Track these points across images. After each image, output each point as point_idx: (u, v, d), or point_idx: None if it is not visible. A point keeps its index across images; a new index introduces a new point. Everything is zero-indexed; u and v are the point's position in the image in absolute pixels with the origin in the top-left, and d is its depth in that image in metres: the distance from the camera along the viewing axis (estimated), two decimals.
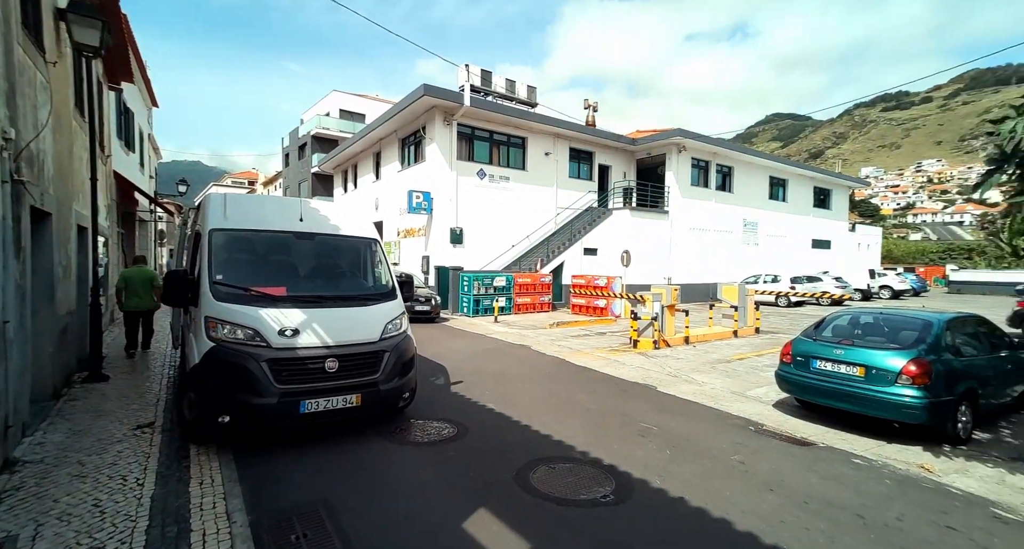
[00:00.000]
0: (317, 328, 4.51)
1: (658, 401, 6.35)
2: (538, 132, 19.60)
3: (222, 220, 4.99)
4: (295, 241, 5.31)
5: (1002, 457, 4.49)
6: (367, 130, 21.27)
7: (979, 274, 30.00)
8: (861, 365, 4.85)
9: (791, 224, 27.20)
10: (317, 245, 5.50)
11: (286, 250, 5.36)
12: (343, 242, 5.67)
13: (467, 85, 16.66)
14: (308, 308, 4.63)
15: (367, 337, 4.72)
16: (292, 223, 5.29)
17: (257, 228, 5.13)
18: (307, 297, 4.79)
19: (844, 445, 4.75)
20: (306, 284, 5.18)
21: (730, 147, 23.04)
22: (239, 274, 4.84)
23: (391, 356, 4.78)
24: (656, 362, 8.92)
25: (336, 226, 5.62)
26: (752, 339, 11.60)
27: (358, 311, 4.88)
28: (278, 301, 4.59)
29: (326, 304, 4.77)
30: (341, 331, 4.61)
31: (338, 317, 4.71)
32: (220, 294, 4.47)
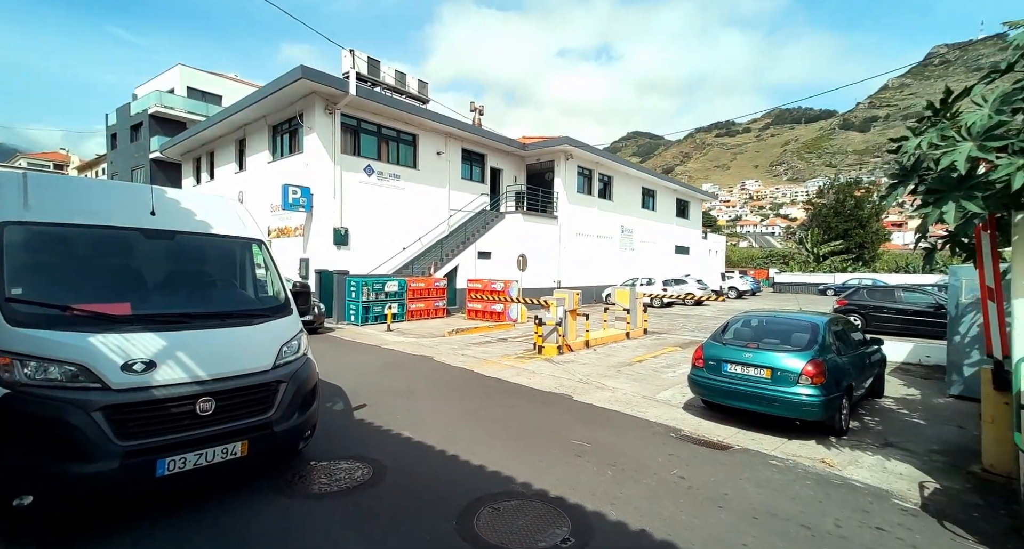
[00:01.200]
0: (184, 357, 3.40)
1: (579, 412, 6.20)
2: (430, 130, 18.81)
3: (20, 210, 3.55)
4: (144, 242, 4.02)
5: (874, 444, 5.14)
6: (228, 113, 18.37)
7: (794, 276, 36.69)
8: (767, 367, 5.20)
9: (659, 231, 30.19)
10: (178, 247, 4.25)
11: (130, 254, 4.03)
12: (215, 243, 4.48)
13: (353, 72, 15.24)
14: (169, 331, 3.48)
15: (256, 365, 3.72)
16: (139, 217, 3.99)
17: (82, 222, 3.74)
18: (166, 316, 3.61)
19: (755, 445, 5.03)
20: (163, 299, 3.95)
21: (610, 158, 24.71)
22: (53, 287, 3.51)
23: (289, 387, 3.83)
24: (564, 369, 8.89)
25: (204, 223, 4.40)
26: (643, 340, 12.33)
27: (242, 332, 3.83)
28: (120, 323, 3.38)
29: (195, 324, 3.64)
30: (219, 359, 3.55)
31: (214, 341, 3.63)
32: (19, 316, 3.13)
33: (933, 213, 3.17)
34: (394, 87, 17.82)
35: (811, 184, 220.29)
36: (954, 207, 3.06)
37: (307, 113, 15.69)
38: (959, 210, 3.04)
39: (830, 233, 39.29)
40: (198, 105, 29.03)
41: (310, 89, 14.96)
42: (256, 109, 17.01)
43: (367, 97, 15.84)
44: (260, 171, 18.33)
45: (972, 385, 6.49)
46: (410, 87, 18.35)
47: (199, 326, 3.64)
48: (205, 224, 4.41)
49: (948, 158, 3.06)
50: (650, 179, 28.92)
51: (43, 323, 3.16)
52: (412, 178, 18.41)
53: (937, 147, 3.22)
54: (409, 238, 18.26)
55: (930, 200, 3.24)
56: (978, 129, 3.01)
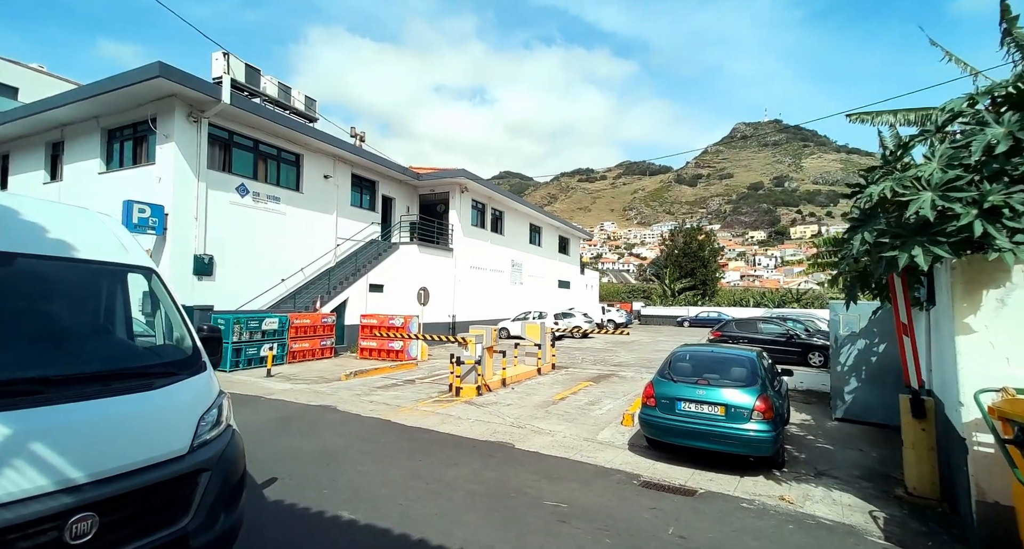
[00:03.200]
0: (43, 452, 2.16)
1: (531, 464, 5.66)
2: (316, 151, 17.19)
3: None
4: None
5: (809, 474, 5.47)
6: (37, 108, 14.55)
7: (656, 310, 41.12)
8: (721, 404, 5.31)
9: (545, 266, 31.48)
10: (20, 277, 2.85)
11: None
12: (84, 273, 3.14)
13: (227, 78, 13.28)
14: (13, 408, 2.20)
15: (164, 450, 2.55)
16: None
17: None
18: (5, 384, 2.29)
19: (716, 487, 4.98)
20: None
21: (503, 193, 25.28)
22: None
23: (213, 478, 2.70)
24: (490, 412, 8.28)
25: (63, 243, 3.05)
26: (555, 376, 12.27)
27: (137, 402, 2.61)
28: None
29: (58, 395, 2.36)
30: (103, 449, 2.35)
31: (92, 420, 2.40)
32: None
33: (902, 256, 3.49)
34: (276, 100, 15.97)
35: (655, 228, 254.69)
36: (922, 251, 3.40)
37: (162, 118, 13.12)
38: (927, 254, 3.39)
39: (681, 271, 45.26)
40: None
41: (169, 91, 12.59)
42: (85, 106, 13.74)
43: (244, 107, 13.88)
44: (86, 183, 14.69)
45: (852, 409, 7.52)
46: (296, 102, 16.64)
47: (65, 397, 2.38)
48: (65, 245, 3.06)
49: (915, 206, 3.43)
50: (537, 216, 30.25)
51: None
52: (295, 202, 16.46)
53: (897, 194, 3.61)
54: (290, 268, 16.09)
55: (896, 244, 3.58)
56: (936, 181, 3.44)
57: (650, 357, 16.61)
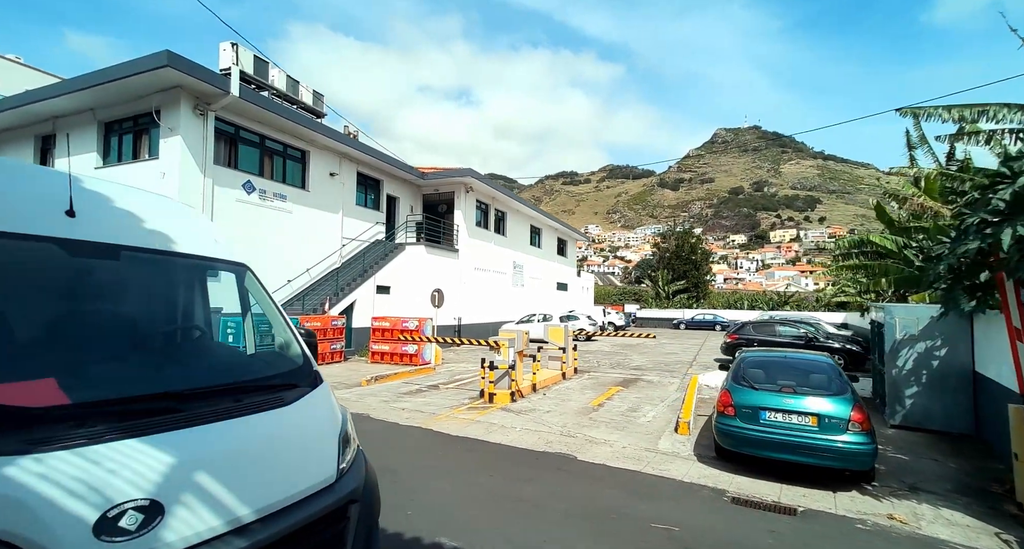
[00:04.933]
0: (207, 483, 1.76)
1: (607, 478, 5.32)
2: (322, 147, 16.60)
3: None
4: (66, 262, 2.20)
5: (902, 488, 5.17)
6: (26, 99, 13.67)
7: (652, 312, 41.22)
8: (813, 415, 5.04)
9: (544, 268, 31.21)
10: (124, 274, 2.46)
11: (39, 284, 2.18)
12: (186, 270, 2.76)
13: (236, 69, 12.66)
14: (159, 430, 1.80)
15: (318, 480, 2.16)
16: (47, 218, 2.14)
17: None
18: (139, 400, 1.89)
19: (815, 504, 4.67)
20: (116, 367, 2.16)
21: (507, 193, 24.92)
22: None
23: (364, 510, 2.31)
24: (532, 419, 7.92)
25: (162, 235, 2.64)
26: (580, 380, 11.95)
27: (275, 420, 2.19)
28: (53, 423, 1.66)
29: (196, 413, 1.95)
30: (263, 480, 1.96)
31: (242, 443, 2.00)
32: None
33: None
34: (284, 94, 15.34)
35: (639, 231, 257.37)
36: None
37: (167, 111, 12.43)
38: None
39: (674, 274, 45.50)
40: None
41: (175, 81, 11.92)
42: (80, 98, 12.93)
43: (253, 101, 13.26)
44: None
45: (912, 416, 7.34)
46: (303, 97, 16.02)
47: (203, 416, 1.96)
48: (164, 237, 2.64)
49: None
50: (537, 217, 29.98)
51: None
52: (301, 200, 15.84)
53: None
54: (296, 269, 15.46)
55: None
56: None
57: (663, 360, 16.44)
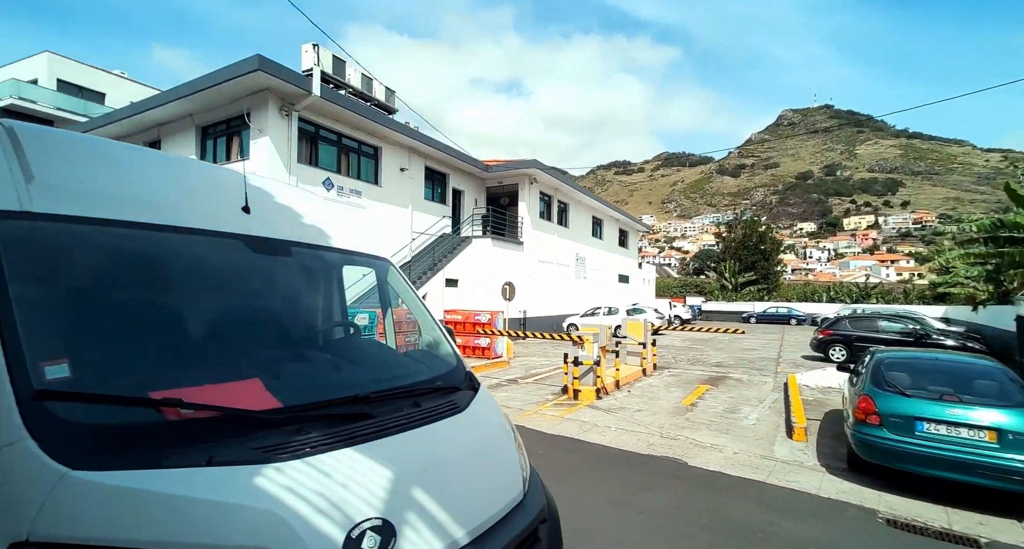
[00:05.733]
0: (423, 500, 1.65)
1: (733, 488, 4.95)
2: (393, 143, 16.92)
3: (17, 186, 1.61)
4: (250, 259, 2.18)
5: None
6: (138, 109, 14.84)
7: (718, 305, 39.35)
8: (991, 429, 4.39)
9: (606, 260, 30.51)
10: (291, 271, 2.45)
11: (228, 282, 2.20)
12: (336, 263, 2.74)
13: (317, 70, 13.07)
14: (366, 439, 1.70)
15: (511, 496, 1.99)
16: (228, 215, 2.14)
17: (139, 219, 1.84)
18: (332, 406, 1.81)
19: (993, 533, 4.05)
20: (300, 368, 2.14)
21: (570, 184, 24.48)
22: (111, 353, 1.69)
23: (553, 530, 2.14)
24: (623, 418, 7.62)
25: (318, 230, 2.59)
26: (662, 377, 11.48)
27: (460, 430, 2.06)
28: (274, 428, 1.59)
29: (388, 421, 1.84)
30: (466, 496, 1.81)
31: (439, 455, 1.87)
32: (77, 440, 1.31)
33: None
34: (360, 92, 15.75)
35: (696, 221, 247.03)
36: None
37: (257, 113, 13.06)
38: None
39: (741, 264, 43.15)
40: (72, 102, 23.72)
41: (264, 84, 12.48)
42: (181, 105, 13.87)
43: (333, 100, 13.67)
44: None
45: None
46: (376, 93, 16.39)
47: (396, 423, 1.85)
48: (320, 233, 2.62)
49: None
50: (599, 207, 29.29)
51: (131, 452, 1.34)
52: (374, 195, 16.26)
53: None
54: None
55: None
56: None
57: (744, 356, 15.52)
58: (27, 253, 1.55)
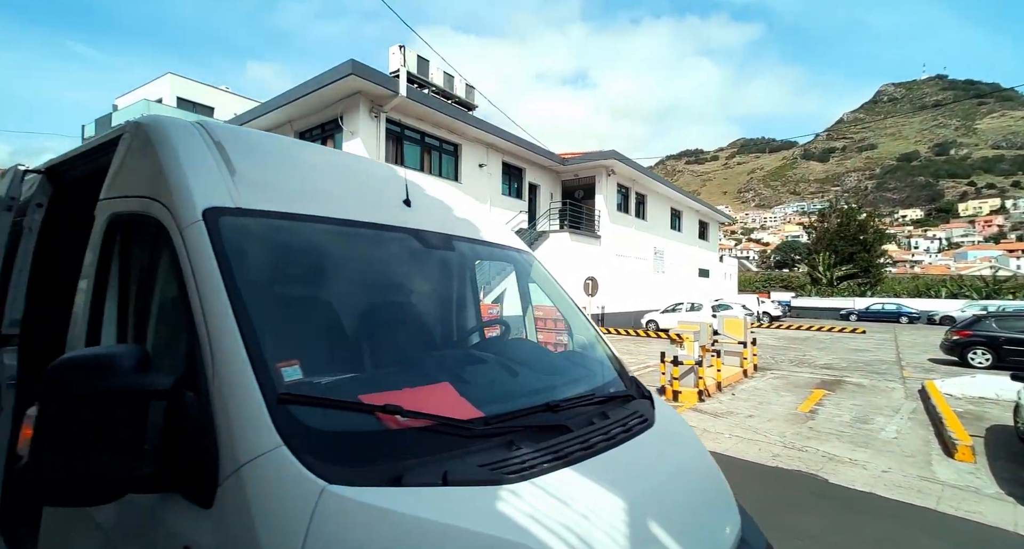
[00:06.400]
0: (668, 541, 1.40)
1: (902, 517, 4.31)
2: (472, 139, 17.03)
3: (225, 184, 1.57)
4: (419, 254, 2.08)
5: None
6: (242, 119, 16.09)
7: (810, 301, 36.10)
8: None
9: (685, 254, 29.02)
10: (452, 265, 2.38)
11: (399, 277, 2.16)
12: (487, 256, 2.57)
13: (403, 71, 13.39)
14: (572, 460, 1.45)
15: (729, 531, 1.69)
16: (392, 209, 2.04)
17: (324, 214, 1.76)
18: (525, 415, 1.59)
19: None
20: (477, 370, 2.00)
21: (649, 174, 23.49)
22: (323, 351, 1.69)
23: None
24: (735, 424, 7.02)
25: (469, 223, 2.44)
26: (766, 379, 10.58)
27: (656, 449, 1.77)
28: (485, 444, 1.40)
29: (588, 438, 1.58)
30: (696, 526, 1.53)
31: (652, 482, 1.59)
32: (330, 450, 1.21)
33: None
34: (442, 90, 16.03)
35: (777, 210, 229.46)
36: None
37: (348, 116, 13.66)
38: None
39: (838, 256, 39.19)
40: (189, 117, 26.20)
41: (356, 88, 13.00)
42: (282, 113, 14.86)
43: (417, 99, 13.98)
44: None
45: None
46: (457, 91, 16.61)
47: (597, 439, 1.62)
48: (472, 226, 2.48)
49: None
50: (678, 198, 27.87)
51: (371, 465, 1.22)
52: None
53: None
54: None
55: None
56: None
57: (856, 358, 13.98)
58: (246, 250, 1.50)
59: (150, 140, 1.69)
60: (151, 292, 1.53)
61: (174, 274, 1.45)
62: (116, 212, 1.74)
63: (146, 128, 1.76)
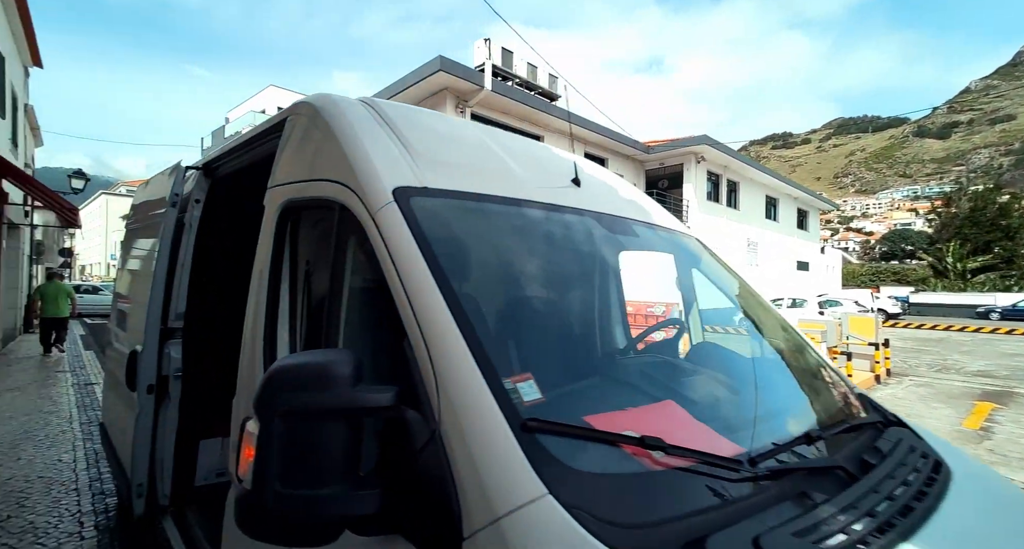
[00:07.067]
0: None
1: None
2: (555, 130, 16.63)
3: (408, 162, 1.37)
4: (607, 241, 1.82)
5: None
6: None
7: (934, 296, 31.56)
8: None
9: (781, 245, 26.60)
10: (630, 251, 2.04)
11: (594, 265, 1.97)
12: (667, 242, 2.20)
13: (489, 64, 13.30)
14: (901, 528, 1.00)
15: None
16: (568, 190, 1.75)
17: (507, 194, 1.51)
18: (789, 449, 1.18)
19: None
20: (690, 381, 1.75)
21: (743, 159, 21.72)
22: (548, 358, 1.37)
23: None
24: None
25: (639, 206, 2.15)
26: (905, 387, 9.19)
27: (969, 500, 1.26)
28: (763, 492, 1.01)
29: (889, 490, 1.13)
30: None
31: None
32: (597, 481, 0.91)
33: None
34: (526, 81, 15.80)
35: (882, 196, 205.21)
36: None
37: (437, 110, 13.83)
38: None
39: (971, 245, 33.86)
40: None
41: (444, 84, 13.12)
42: None
43: (501, 93, 13.84)
44: None
45: None
46: (540, 81, 16.30)
47: (896, 489, 1.17)
48: (640, 207, 2.17)
49: None
50: (775, 184, 25.54)
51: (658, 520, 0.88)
52: None
53: None
54: None
55: None
56: None
57: (1016, 364, 11.81)
58: (443, 235, 1.26)
59: (324, 120, 1.53)
60: (337, 284, 1.33)
61: (366, 264, 1.26)
62: (290, 199, 1.58)
63: (318, 108, 1.61)
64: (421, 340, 1.00)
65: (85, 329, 15.27)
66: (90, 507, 3.36)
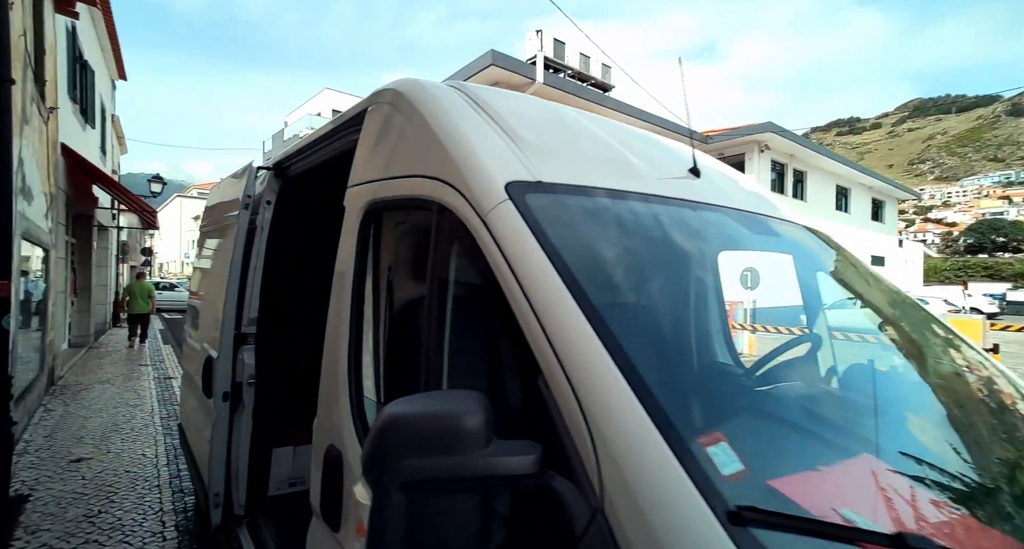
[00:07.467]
0: None
1: None
2: None
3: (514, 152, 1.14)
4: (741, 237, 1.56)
5: None
6: None
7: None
8: None
9: (855, 238, 24.60)
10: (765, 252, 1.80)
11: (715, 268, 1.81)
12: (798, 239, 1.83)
13: (540, 57, 13.00)
14: None
15: None
16: (686, 181, 1.47)
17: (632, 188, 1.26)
18: None
19: None
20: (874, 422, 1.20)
21: (810, 146, 20.23)
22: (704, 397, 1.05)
23: None
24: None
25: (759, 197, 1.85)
26: None
27: None
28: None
29: None
30: None
31: None
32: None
33: None
34: (579, 72, 15.39)
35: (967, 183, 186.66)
36: None
37: None
38: None
39: None
40: None
41: (495, 78, 12.94)
42: None
43: (554, 85, 13.51)
44: None
45: None
46: (593, 72, 15.83)
47: None
48: (763, 200, 1.87)
49: None
50: (847, 173, 23.64)
51: None
52: None
53: None
54: None
55: None
56: None
57: None
58: (570, 240, 1.03)
59: (413, 108, 1.33)
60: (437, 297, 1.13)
61: (475, 273, 1.04)
62: (375, 198, 1.40)
63: (405, 95, 1.41)
64: (563, 377, 0.77)
65: (163, 324, 16.42)
66: (171, 506, 3.43)
